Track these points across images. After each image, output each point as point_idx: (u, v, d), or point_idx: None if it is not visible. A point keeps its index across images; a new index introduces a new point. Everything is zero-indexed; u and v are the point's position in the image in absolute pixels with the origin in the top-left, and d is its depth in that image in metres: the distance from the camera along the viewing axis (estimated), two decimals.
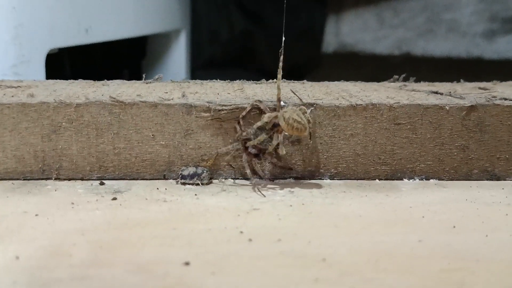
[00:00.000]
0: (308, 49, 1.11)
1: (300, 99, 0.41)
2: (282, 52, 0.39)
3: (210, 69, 1.03)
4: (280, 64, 0.39)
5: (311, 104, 0.41)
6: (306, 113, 0.38)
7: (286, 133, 0.39)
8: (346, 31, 1.30)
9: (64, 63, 0.64)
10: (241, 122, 0.40)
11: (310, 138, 0.39)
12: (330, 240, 0.32)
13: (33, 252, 0.29)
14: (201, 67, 1.01)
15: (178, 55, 0.93)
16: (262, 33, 1.07)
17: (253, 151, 0.40)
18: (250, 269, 0.28)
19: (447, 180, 0.42)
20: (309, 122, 0.38)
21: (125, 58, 0.85)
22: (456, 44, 1.28)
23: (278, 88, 0.39)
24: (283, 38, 0.40)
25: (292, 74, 0.47)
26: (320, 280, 0.27)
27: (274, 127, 0.39)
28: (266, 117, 0.39)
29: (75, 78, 0.48)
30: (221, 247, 0.30)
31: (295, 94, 0.42)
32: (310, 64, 1.10)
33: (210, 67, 1.03)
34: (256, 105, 0.40)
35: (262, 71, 0.49)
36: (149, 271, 0.27)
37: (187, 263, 0.28)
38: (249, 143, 0.40)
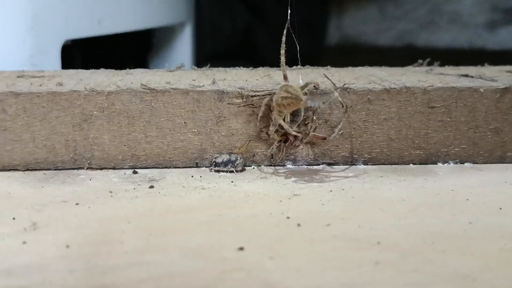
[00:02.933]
0: (310, 43, 1.11)
1: (333, 83, 0.40)
2: (286, 31, 0.38)
3: (213, 63, 1.02)
4: (284, 38, 0.38)
5: (345, 89, 0.40)
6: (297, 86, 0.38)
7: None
8: (348, 24, 1.29)
9: (75, 56, 0.63)
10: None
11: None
12: (379, 224, 0.31)
13: (82, 240, 0.28)
14: (205, 61, 1.00)
15: (183, 48, 0.92)
16: (264, 27, 1.06)
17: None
18: (307, 253, 0.27)
19: (481, 164, 0.42)
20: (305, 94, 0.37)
21: (131, 52, 0.84)
22: (458, 35, 1.28)
23: (282, 65, 0.39)
24: (288, 18, 0.39)
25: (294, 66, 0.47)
26: (382, 262, 0.26)
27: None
28: (263, 104, 0.39)
29: None
30: (272, 232, 0.29)
31: (327, 78, 0.41)
32: (312, 58, 1.10)
33: (213, 61, 1.02)
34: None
35: (263, 65, 0.49)
36: (205, 256, 0.26)
37: (241, 248, 0.27)
38: (269, 132, 0.39)
